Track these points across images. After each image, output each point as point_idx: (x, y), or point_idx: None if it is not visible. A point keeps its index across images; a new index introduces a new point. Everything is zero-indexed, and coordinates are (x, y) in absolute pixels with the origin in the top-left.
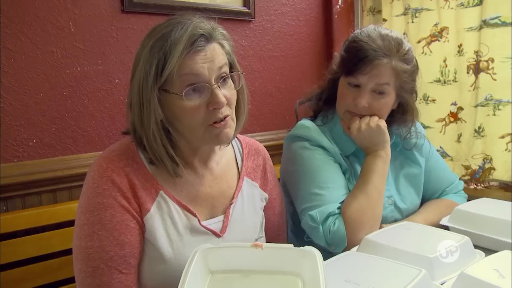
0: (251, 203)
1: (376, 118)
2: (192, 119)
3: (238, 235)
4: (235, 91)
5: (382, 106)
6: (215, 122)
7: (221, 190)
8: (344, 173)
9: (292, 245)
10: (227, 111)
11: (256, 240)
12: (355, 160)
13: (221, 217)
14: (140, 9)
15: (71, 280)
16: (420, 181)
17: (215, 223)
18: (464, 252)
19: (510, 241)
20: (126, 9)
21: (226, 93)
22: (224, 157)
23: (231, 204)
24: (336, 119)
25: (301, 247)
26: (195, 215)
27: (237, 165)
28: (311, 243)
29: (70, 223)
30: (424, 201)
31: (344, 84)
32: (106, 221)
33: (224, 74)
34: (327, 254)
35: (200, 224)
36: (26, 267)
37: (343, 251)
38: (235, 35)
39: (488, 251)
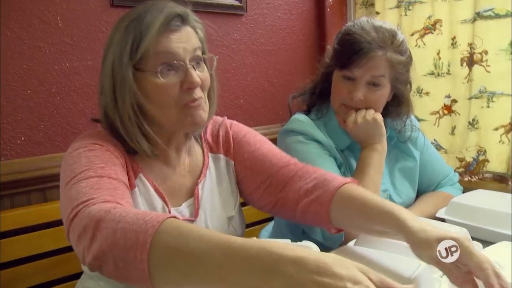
0: (218, 181)
1: (372, 111)
2: (165, 98)
3: (210, 217)
4: (208, 74)
5: (378, 99)
6: (188, 103)
7: (192, 176)
8: (339, 167)
9: (289, 240)
10: (200, 93)
11: (229, 219)
12: (350, 154)
13: (191, 201)
14: (130, 3)
15: (63, 280)
16: (415, 174)
17: (186, 208)
18: None
19: (507, 233)
20: (115, 3)
21: (200, 74)
22: (192, 143)
23: (198, 183)
24: (330, 113)
25: (298, 242)
26: (167, 205)
27: (200, 144)
28: (308, 238)
29: (61, 222)
30: (419, 194)
31: (339, 77)
32: (100, 153)
33: (198, 57)
34: (323, 249)
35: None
36: (15, 268)
37: (340, 245)
38: (227, 28)
39: (485, 243)
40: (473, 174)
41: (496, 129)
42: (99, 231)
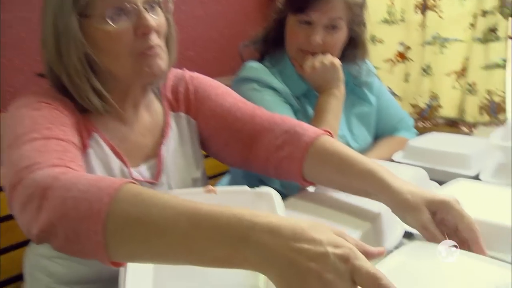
0: (181, 141)
1: (329, 56)
2: (118, 46)
3: (173, 179)
4: (164, 19)
5: (336, 42)
6: (145, 51)
7: (153, 135)
8: (295, 114)
9: (246, 186)
10: (157, 40)
11: (193, 180)
12: (306, 101)
13: (153, 161)
14: None
15: (11, 248)
16: (371, 120)
17: (146, 169)
18: (420, 185)
19: (463, 173)
20: None
21: (155, 18)
22: (150, 99)
23: (162, 144)
24: (285, 60)
25: (256, 188)
26: (127, 165)
27: (159, 100)
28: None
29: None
30: (376, 139)
31: (294, 22)
32: (46, 112)
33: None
34: (282, 196)
35: (133, 178)
36: None
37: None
38: None
39: (442, 184)
40: (426, 120)
41: (448, 74)
42: (47, 200)
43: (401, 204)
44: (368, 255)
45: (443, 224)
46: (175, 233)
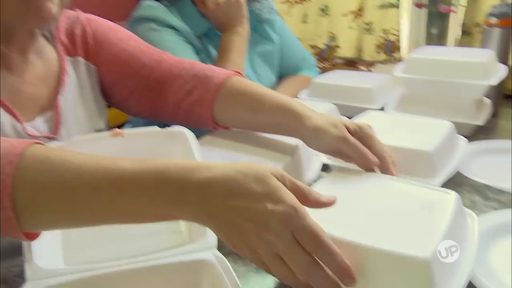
0: (80, 89)
1: None
2: None
3: (74, 131)
4: None
5: None
6: None
7: (47, 84)
8: (197, 54)
9: (156, 126)
10: None
11: (97, 131)
12: (208, 41)
13: (50, 113)
14: None
15: None
16: (275, 58)
17: (43, 123)
18: None
19: (370, 107)
20: None
21: None
22: (41, 44)
23: (59, 93)
24: None
25: (168, 128)
26: (19, 120)
27: (52, 44)
28: None
29: None
30: (279, 79)
31: None
32: None
33: None
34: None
35: (28, 133)
36: None
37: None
38: None
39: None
40: (326, 60)
41: (345, 15)
42: None
43: (318, 129)
44: (310, 202)
45: None
46: (99, 200)
